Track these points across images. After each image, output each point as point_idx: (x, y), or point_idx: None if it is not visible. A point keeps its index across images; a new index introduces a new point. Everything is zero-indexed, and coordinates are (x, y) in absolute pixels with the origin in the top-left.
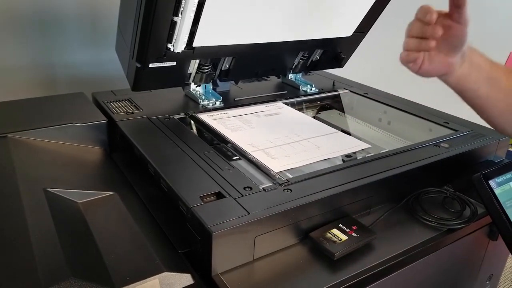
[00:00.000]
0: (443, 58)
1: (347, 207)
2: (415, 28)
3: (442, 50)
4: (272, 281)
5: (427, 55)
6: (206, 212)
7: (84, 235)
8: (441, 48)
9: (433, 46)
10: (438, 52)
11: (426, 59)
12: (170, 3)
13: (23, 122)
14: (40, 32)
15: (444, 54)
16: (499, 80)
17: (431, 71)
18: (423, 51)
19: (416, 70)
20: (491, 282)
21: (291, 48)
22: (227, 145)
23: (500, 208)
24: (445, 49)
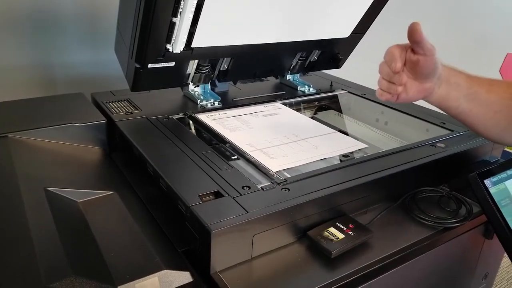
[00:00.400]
0: (418, 85)
1: (344, 206)
2: (384, 71)
3: (417, 79)
4: (270, 279)
5: (402, 87)
6: (205, 211)
7: (84, 234)
8: (415, 77)
9: (400, 90)
10: (413, 81)
11: (402, 91)
12: (169, 4)
13: (23, 122)
14: (39, 33)
15: (419, 82)
16: (479, 94)
17: (409, 99)
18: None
19: (394, 101)
20: (486, 281)
21: (289, 49)
22: (225, 145)
23: (495, 207)
24: (418, 78)
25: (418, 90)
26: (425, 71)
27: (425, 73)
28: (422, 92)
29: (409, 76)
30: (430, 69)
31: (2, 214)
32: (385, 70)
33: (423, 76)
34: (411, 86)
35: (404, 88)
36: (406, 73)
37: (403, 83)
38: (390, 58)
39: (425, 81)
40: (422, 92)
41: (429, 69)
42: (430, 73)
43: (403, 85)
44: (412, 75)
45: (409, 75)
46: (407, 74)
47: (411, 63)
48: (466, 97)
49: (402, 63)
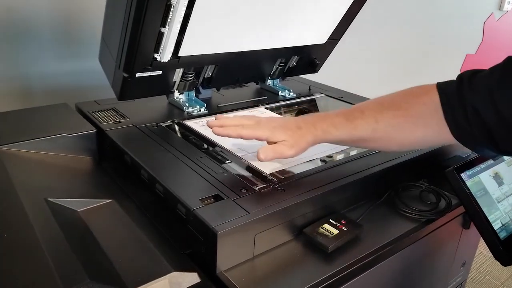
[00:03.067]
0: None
1: (336, 204)
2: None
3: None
4: (273, 275)
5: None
6: (208, 214)
7: (90, 242)
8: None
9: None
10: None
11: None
12: (158, 15)
13: (12, 135)
14: (13, 44)
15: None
16: (370, 133)
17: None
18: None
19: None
20: (464, 268)
21: (269, 56)
22: (217, 150)
23: (472, 199)
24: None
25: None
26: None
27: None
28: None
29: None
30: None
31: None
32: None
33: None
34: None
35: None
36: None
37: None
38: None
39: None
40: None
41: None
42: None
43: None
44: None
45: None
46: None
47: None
48: (356, 142)
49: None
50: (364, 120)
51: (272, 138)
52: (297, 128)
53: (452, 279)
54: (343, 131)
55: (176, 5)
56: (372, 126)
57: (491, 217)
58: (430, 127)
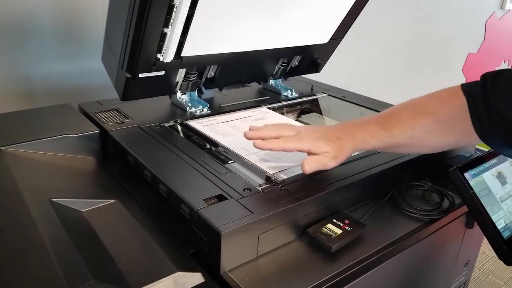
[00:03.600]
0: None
1: (339, 203)
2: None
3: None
4: (277, 275)
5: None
6: (212, 214)
7: (94, 242)
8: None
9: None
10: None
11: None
12: (161, 15)
13: (16, 135)
14: (15, 45)
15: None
16: (406, 140)
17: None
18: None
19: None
20: (467, 268)
21: (272, 56)
22: (220, 150)
23: (475, 198)
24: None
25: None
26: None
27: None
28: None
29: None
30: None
31: (14, 226)
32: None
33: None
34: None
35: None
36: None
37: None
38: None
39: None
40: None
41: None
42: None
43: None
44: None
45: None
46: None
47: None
48: (394, 148)
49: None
50: (400, 129)
51: (314, 150)
52: (337, 139)
53: (455, 278)
54: (380, 141)
55: (179, 6)
56: (409, 133)
57: (495, 217)
58: (460, 131)
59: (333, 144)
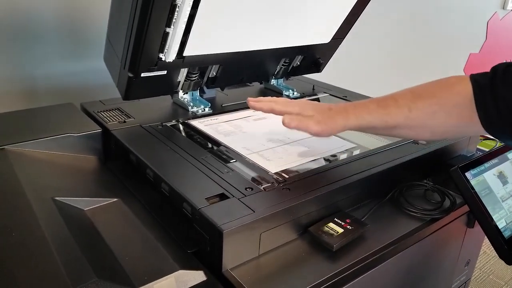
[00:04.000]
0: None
1: (340, 203)
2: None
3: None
4: (278, 273)
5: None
6: (214, 213)
7: (97, 240)
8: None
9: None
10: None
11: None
12: (163, 15)
13: (19, 134)
14: (18, 45)
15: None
16: (403, 120)
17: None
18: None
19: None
20: (468, 267)
21: (273, 55)
22: (222, 149)
23: (476, 198)
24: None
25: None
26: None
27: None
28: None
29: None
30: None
31: (18, 224)
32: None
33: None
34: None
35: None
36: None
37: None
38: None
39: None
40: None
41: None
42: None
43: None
44: None
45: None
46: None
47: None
48: (389, 130)
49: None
50: (397, 108)
51: (302, 112)
52: (328, 108)
53: (456, 278)
54: (376, 117)
55: (181, 5)
56: (406, 114)
57: (496, 216)
58: (463, 117)
59: (321, 110)
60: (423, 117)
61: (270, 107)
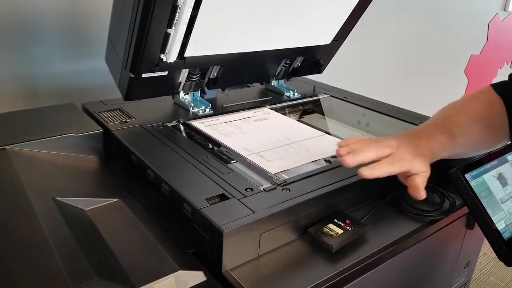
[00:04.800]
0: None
1: (340, 204)
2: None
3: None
4: (278, 274)
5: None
6: (214, 213)
7: (97, 240)
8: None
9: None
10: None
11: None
12: (164, 16)
13: (20, 134)
14: (19, 45)
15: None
16: (466, 147)
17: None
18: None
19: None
20: (468, 269)
21: (274, 56)
22: (223, 150)
23: (476, 199)
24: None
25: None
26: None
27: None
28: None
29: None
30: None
31: (19, 224)
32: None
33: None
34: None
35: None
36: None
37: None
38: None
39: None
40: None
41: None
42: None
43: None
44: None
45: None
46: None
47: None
48: (453, 155)
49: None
50: (462, 137)
51: (413, 170)
52: (423, 155)
53: (456, 279)
54: (448, 152)
55: (183, 7)
56: (467, 140)
57: (495, 218)
58: (504, 133)
59: (424, 161)
60: (478, 140)
61: (388, 172)
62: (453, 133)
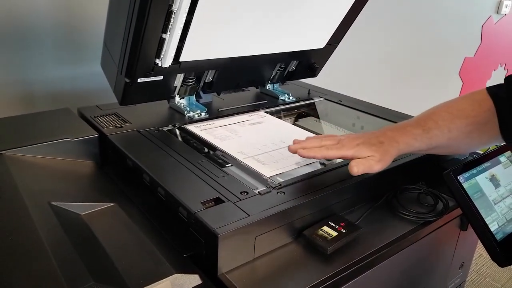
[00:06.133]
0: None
1: (334, 206)
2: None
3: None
4: (273, 276)
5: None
6: (209, 217)
7: (93, 245)
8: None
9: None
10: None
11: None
12: (159, 21)
13: (16, 139)
14: (15, 49)
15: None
16: (445, 141)
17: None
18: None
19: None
20: (462, 270)
21: (269, 60)
22: (218, 154)
23: (469, 201)
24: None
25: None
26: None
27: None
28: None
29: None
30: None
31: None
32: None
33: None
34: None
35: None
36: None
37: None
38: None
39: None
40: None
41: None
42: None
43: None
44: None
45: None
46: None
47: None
48: (432, 150)
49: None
50: (439, 130)
51: (357, 155)
52: (379, 143)
53: (451, 280)
54: (422, 141)
55: (177, 12)
56: (447, 135)
57: (488, 219)
58: (493, 132)
59: (376, 148)
60: (461, 136)
61: (323, 154)
62: (428, 125)
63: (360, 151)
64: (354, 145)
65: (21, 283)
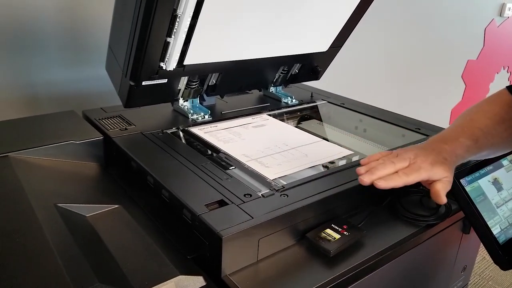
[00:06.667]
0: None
1: (337, 209)
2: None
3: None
4: (276, 278)
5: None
6: (213, 219)
7: (98, 246)
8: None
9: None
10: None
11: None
12: (164, 25)
13: (22, 142)
14: (20, 52)
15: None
16: (489, 148)
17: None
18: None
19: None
20: (465, 273)
21: (272, 63)
22: (221, 156)
23: (471, 204)
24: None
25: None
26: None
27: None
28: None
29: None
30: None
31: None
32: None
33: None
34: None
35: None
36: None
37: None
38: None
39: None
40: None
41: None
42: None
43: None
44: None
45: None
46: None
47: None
48: (479, 156)
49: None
50: (486, 139)
51: (433, 177)
52: (445, 160)
53: (453, 283)
54: (471, 154)
55: (182, 16)
56: (491, 141)
57: (490, 222)
58: None
59: (446, 167)
60: (501, 142)
61: (404, 182)
62: (477, 135)
63: (435, 172)
64: (428, 165)
65: (28, 284)
